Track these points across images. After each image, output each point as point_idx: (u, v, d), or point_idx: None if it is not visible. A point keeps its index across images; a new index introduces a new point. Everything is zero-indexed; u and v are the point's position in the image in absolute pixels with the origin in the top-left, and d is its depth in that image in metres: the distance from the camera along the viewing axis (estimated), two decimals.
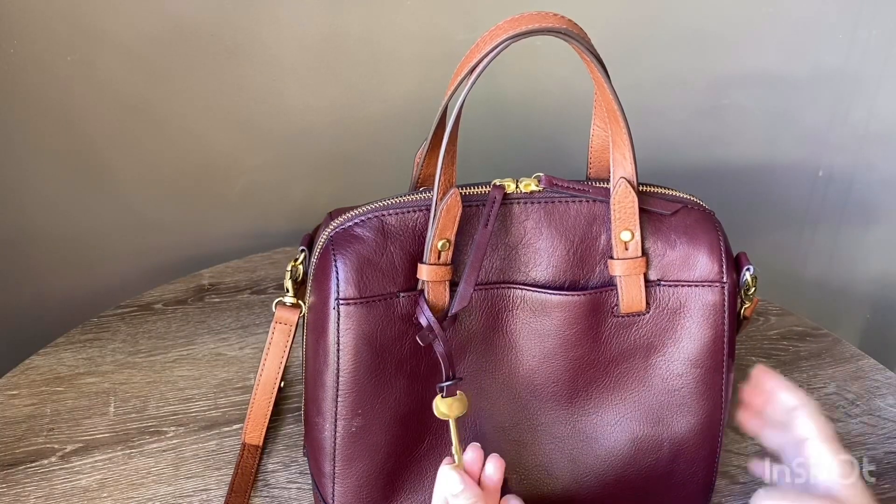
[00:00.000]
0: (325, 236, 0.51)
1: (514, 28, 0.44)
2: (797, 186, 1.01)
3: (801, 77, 0.93)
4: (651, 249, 0.52)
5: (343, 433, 0.51)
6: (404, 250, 0.50)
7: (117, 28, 0.75)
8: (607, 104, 0.49)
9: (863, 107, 0.96)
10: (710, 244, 0.52)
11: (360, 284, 0.49)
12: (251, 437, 0.62)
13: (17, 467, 0.61)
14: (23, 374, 0.69)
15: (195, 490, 0.60)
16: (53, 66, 0.74)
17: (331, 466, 0.52)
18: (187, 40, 0.77)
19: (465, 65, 0.45)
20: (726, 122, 0.95)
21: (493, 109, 0.82)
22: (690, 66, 0.91)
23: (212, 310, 0.77)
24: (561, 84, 0.84)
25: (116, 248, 0.86)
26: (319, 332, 0.50)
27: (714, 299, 0.52)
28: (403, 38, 0.82)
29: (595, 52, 0.46)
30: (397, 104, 0.85)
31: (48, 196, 0.81)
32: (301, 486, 0.61)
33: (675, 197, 0.53)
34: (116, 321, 0.75)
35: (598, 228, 0.52)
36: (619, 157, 0.50)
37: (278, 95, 0.82)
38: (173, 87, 0.79)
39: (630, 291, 0.52)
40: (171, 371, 0.70)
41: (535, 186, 0.51)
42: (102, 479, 0.61)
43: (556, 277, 0.52)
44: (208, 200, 0.87)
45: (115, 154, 0.81)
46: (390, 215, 0.50)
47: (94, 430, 0.64)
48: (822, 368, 0.73)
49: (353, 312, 0.49)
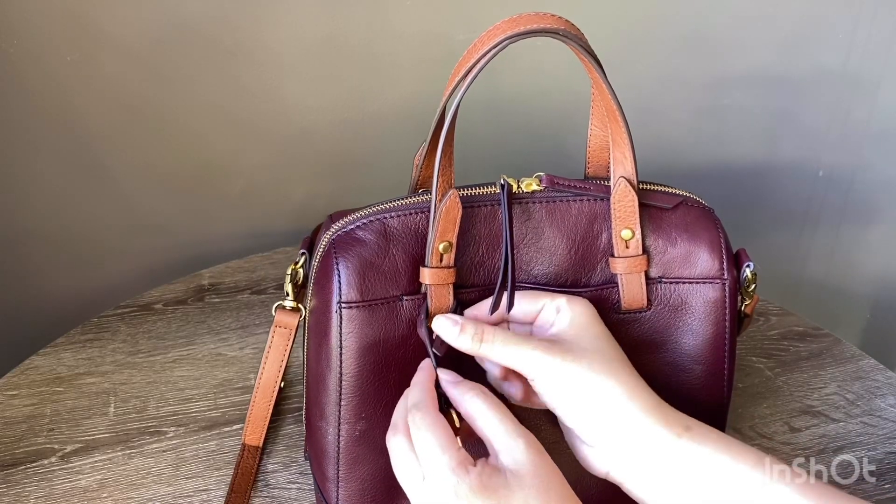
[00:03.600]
0: (326, 239, 0.50)
1: (511, 29, 0.44)
2: (797, 186, 1.01)
3: (801, 77, 0.93)
4: (652, 247, 0.52)
5: (347, 437, 0.51)
6: (406, 253, 0.49)
7: (117, 28, 0.75)
8: (606, 104, 0.49)
9: (863, 107, 0.96)
10: (711, 241, 0.52)
11: (363, 288, 0.48)
12: (251, 439, 0.62)
13: (17, 467, 0.61)
14: (23, 374, 0.69)
15: (195, 490, 0.60)
16: (53, 65, 0.74)
17: (334, 470, 0.52)
18: (187, 40, 0.77)
19: (463, 65, 0.45)
20: (726, 122, 0.95)
21: (492, 110, 0.82)
22: (690, 66, 0.91)
23: (212, 310, 0.77)
24: (560, 84, 0.84)
25: (116, 248, 0.86)
26: (322, 336, 0.50)
27: (715, 296, 0.52)
28: (403, 38, 0.82)
29: (592, 52, 0.46)
30: (397, 104, 0.85)
31: (48, 196, 0.81)
32: (301, 486, 0.61)
33: (674, 193, 0.53)
34: (116, 321, 0.75)
35: (599, 227, 0.52)
36: (618, 156, 0.50)
37: (278, 95, 0.82)
38: (173, 87, 0.79)
39: (631, 289, 0.52)
40: (171, 371, 0.70)
41: (536, 186, 0.51)
42: (102, 479, 0.60)
43: (558, 275, 0.52)
44: (208, 200, 0.87)
45: (115, 154, 0.81)
46: (392, 218, 0.50)
47: (94, 430, 0.64)
48: (822, 368, 0.73)
49: (356, 316, 0.49)
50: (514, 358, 0.46)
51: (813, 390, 0.70)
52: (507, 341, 0.47)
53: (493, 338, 0.47)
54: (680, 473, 0.44)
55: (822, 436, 0.66)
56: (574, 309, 0.49)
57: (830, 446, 0.65)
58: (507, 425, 0.44)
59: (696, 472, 0.44)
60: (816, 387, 0.71)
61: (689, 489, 0.44)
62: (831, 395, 0.70)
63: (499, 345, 0.47)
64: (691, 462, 0.44)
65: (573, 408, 0.46)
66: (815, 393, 0.70)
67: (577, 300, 0.49)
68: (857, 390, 0.70)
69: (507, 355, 0.47)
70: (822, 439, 0.65)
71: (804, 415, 0.68)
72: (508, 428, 0.44)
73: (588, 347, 0.47)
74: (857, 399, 0.69)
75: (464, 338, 0.47)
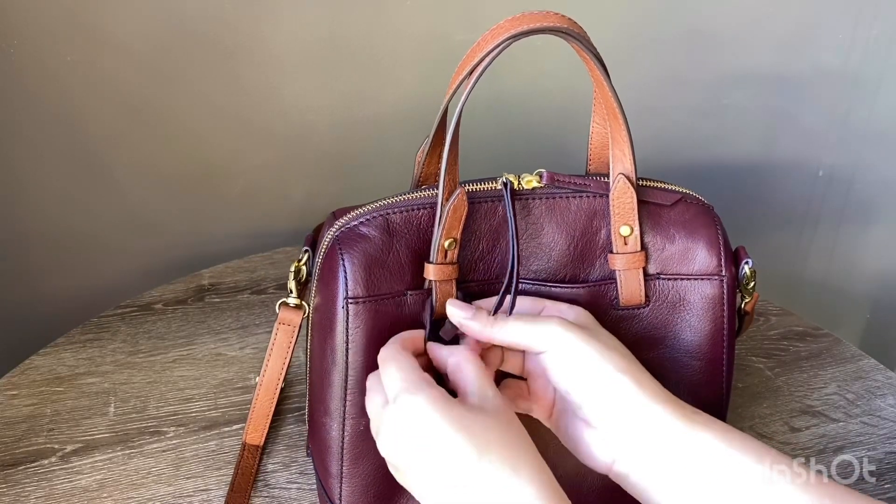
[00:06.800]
0: (329, 236, 0.50)
1: (514, 27, 0.44)
2: (797, 186, 1.01)
3: (801, 77, 0.93)
4: (650, 244, 0.52)
5: (351, 433, 0.51)
6: (410, 248, 0.50)
7: (117, 28, 0.75)
8: (607, 102, 0.49)
9: (863, 107, 0.96)
10: (709, 238, 0.52)
11: (368, 283, 0.49)
12: (252, 438, 0.62)
13: (17, 467, 0.61)
14: (23, 374, 0.69)
15: (195, 490, 0.60)
16: (53, 66, 0.74)
17: (338, 466, 0.52)
18: (187, 40, 0.77)
19: (466, 65, 0.45)
20: (726, 121, 0.95)
21: (493, 108, 0.82)
22: (690, 66, 0.91)
23: (212, 310, 0.77)
24: (561, 82, 0.84)
25: (116, 248, 0.86)
26: (327, 331, 0.50)
27: (713, 292, 0.52)
28: (403, 37, 0.82)
29: (595, 50, 0.47)
30: (398, 104, 0.85)
31: (48, 196, 0.81)
32: (301, 486, 0.61)
33: (674, 190, 0.53)
34: (116, 321, 0.75)
35: (599, 223, 0.52)
36: (618, 153, 0.51)
37: (278, 95, 0.82)
38: (173, 87, 0.79)
39: (629, 285, 0.52)
40: (171, 371, 0.70)
41: (536, 183, 0.51)
42: (102, 479, 0.60)
43: (557, 271, 0.52)
44: (208, 200, 0.87)
45: (115, 154, 0.81)
46: (395, 213, 0.50)
47: (94, 430, 0.64)
48: (822, 368, 0.73)
49: (362, 311, 0.49)
50: (530, 332, 0.47)
51: (813, 390, 0.70)
52: (518, 319, 0.48)
53: (504, 319, 0.48)
54: (685, 461, 0.44)
55: (822, 436, 0.66)
56: (576, 309, 0.50)
57: (830, 446, 0.65)
58: (483, 379, 0.45)
59: (702, 460, 0.44)
60: (816, 387, 0.71)
61: (694, 477, 0.44)
62: (831, 395, 0.70)
63: (512, 322, 0.47)
64: (698, 449, 0.44)
65: (582, 385, 0.46)
66: (814, 393, 0.70)
67: (577, 308, 0.50)
68: (857, 390, 0.70)
69: (521, 331, 0.47)
70: (822, 439, 0.65)
71: (804, 415, 0.68)
72: (483, 381, 0.45)
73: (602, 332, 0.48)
74: (857, 399, 0.69)
75: (476, 321, 0.48)
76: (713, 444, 0.44)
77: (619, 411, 0.45)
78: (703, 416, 0.46)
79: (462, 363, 0.46)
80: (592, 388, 0.46)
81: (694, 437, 0.44)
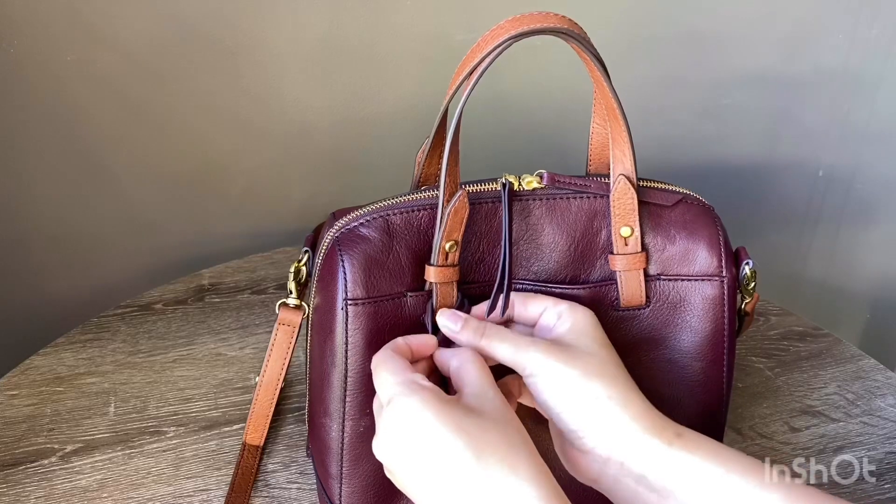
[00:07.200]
0: (329, 237, 0.50)
1: (515, 28, 0.44)
2: (797, 186, 1.01)
3: (801, 77, 0.93)
4: (651, 244, 0.52)
5: (351, 433, 0.51)
6: (410, 250, 0.50)
7: (117, 28, 0.75)
8: (607, 103, 0.49)
9: (863, 107, 0.96)
10: (710, 238, 0.52)
11: (368, 284, 0.49)
12: (252, 438, 0.62)
13: (17, 467, 0.61)
14: (23, 374, 0.69)
15: (195, 490, 0.60)
16: (53, 66, 0.74)
17: (338, 467, 0.52)
18: (187, 40, 0.77)
19: (466, 65, 0.45)
20: (726, 121, 0.95)
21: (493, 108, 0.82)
22: (690, 66, 0.91)
23: (212, 310, 0.77)
24: (561, 82, 0.84)
25: (116, 248, 0.86)
26: (326, 332, 0.50)
27: (714, 293, 0.52)
28: (403, 38, 0.82)
29: (595, 51, 0.47)
30: (398, 104, 0.85)
31: (48, 196, 0.81)
32: (301, 486, 0.61)
33: (674, 191, 0.53)
34: (116, 321, 0.75)
35: (599, 224, 0.52)
36: (618, 154, 0.50)
37: (278, 95, 0.82)
38: (173, 87, 0.79)
39: (630, 286, 0.52)
40: (171, 371, 0.70)
41: (536, 184, 0.51)
42: (102, 479, 0.60)
43: (558, 272, 0.52)
44: (208, 200, 0.87)
45: (116, 154, 0.81)
46: (395, 215, 0.50)
47: (94, 430, 0.64)
48: (822, 368, 0.73)
49: (362, 312, 0.49)
50: (515, 355, 0.47)
51: (813, 390, 0.70)
52: (505, 338, 0.47)
53: (494, 334, 0.48)
54: (668, 482, 0.44)
55: (822, 436, 0.66)
56: (575, 315, 0.49)
57: (830, 446, 0.65)
58: (485, 379, 0.45)
59: (685, 481, 0.44)
60: (816, 387, 0.71)
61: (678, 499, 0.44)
62: (831, 395, 0.70)
63: (497, 341, 0.47)
64: (681, 470, 0.44)
65: (565, 410, 0.46)
66: (815, 393, 0.70)
67: (579, 307, 0.50)
68: (857, 390, 0.70)
69: (507, 352, 0.47)
70: (821, 439, 0.65)
71: (804, 415, 0.68)
72: (485, 381, 0.45)
73: (585, 352, 0.47)
74: (857, 399, 0.69)
75: (465, 333, 0.48)
76: (697, 464, 0.44)
77: (600, 434, 0.45)
78: (689, 436, 0.45)
79: (465, 363, 0.46)
80: (574, 413, 0.46)
81: (678, 459, 0.44)
